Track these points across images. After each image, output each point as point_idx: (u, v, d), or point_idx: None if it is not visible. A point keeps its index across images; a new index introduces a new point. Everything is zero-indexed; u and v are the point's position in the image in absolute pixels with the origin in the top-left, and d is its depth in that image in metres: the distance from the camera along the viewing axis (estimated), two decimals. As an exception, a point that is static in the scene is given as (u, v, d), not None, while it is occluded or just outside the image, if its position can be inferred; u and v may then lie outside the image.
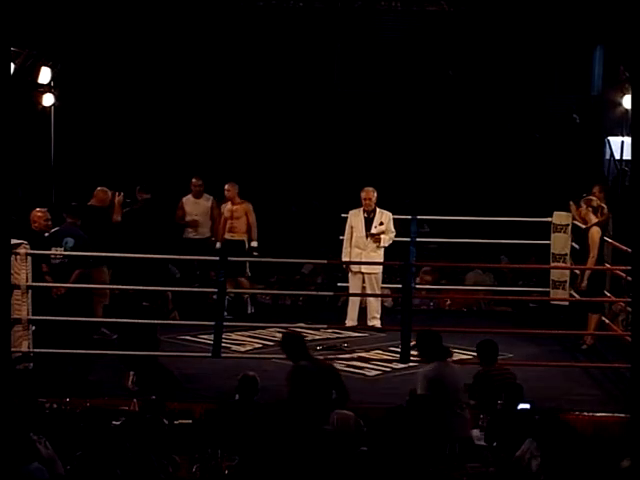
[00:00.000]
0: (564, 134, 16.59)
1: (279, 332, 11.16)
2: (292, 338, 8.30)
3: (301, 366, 7.96)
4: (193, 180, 12.68)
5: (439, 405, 7.52)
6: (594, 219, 10.82)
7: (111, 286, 10.93)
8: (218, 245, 12.34)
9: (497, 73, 16.57)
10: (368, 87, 16.84)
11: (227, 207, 12.33)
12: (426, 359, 8.00)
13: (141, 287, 10.08)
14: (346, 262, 11.53)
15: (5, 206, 6.25)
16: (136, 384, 9.08)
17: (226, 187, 12.34)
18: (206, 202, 12.62)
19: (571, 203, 11.44)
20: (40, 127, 14.23)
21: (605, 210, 11.08)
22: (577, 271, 11.09)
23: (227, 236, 12.30)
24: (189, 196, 12.69)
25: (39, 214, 10.11)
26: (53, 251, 9.91)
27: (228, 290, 10.69)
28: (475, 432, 7.88)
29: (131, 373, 9.17)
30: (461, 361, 10.14)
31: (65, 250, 9.91)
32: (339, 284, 12.40)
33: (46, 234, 10.07)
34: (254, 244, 12.30)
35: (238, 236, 12.26)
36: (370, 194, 11.40)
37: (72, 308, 9.66)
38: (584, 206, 10.90)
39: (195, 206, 12.59)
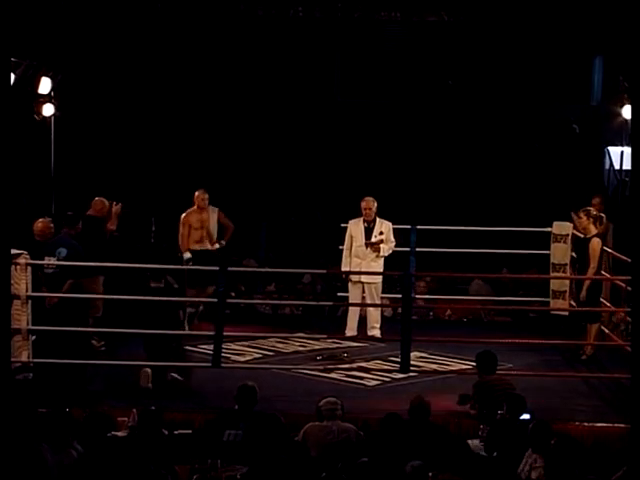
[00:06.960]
0: (564, 144, 16.58)
1: (279, 342, 11.27)
2: None
3: None
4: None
5: None
6: (594, 230, 10.83)
7: (101, 296, 10.84)
8: (188, 255, 11.87)
9: (497, 83, 16.57)
10: (368, 97, 16.83)
11: (198, 217, 11.95)
12: None
13: (132, 297, 10.06)
14: (346, 272, 11.52)
15: (6, 216, 6.24)
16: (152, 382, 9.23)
17: (205, 195, 11.97)
18: (212, 214, 12.14)
19: (572, 214, 11.41)
20: (40, 137, 14.23)
21: (604, 220, 11.10)
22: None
23: (196, 247, 11.91)
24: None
25: (40, 225, 10.12)
26: (46, 261, 9.88)
27: (228, 300, 10.62)
28: (475, 442, 7.89)
29: (148, 371, 9.31)
30: (461, 371, 10.17)
31: (58, 260, 9.88)
32: (339, 294, 12.39)
33: (44, 244, 10.07)
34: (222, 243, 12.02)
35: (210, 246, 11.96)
36: (370, 204, 11.38)
37: (64, 318, 9.62)
38: (584, 217, 10.88)
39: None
